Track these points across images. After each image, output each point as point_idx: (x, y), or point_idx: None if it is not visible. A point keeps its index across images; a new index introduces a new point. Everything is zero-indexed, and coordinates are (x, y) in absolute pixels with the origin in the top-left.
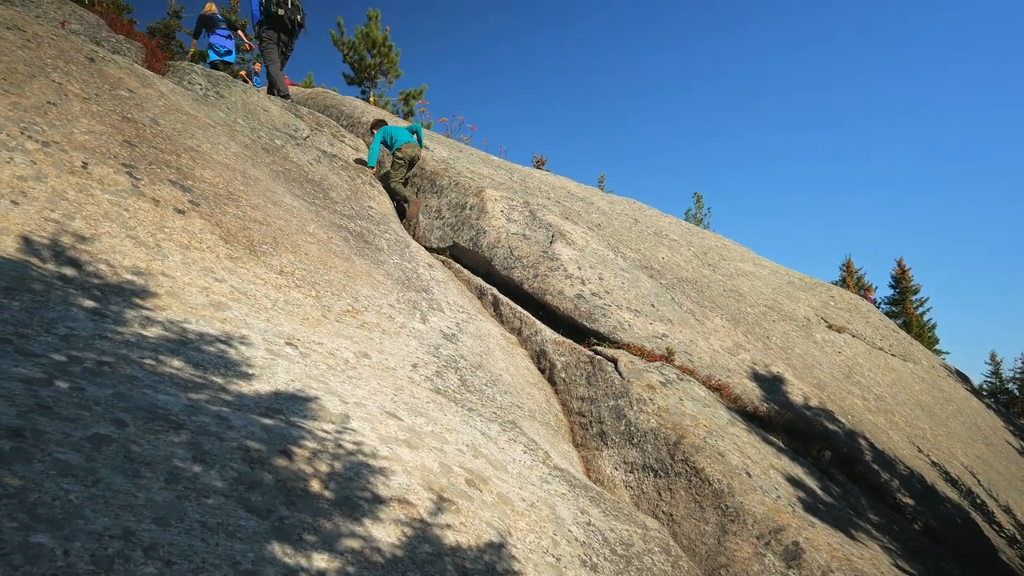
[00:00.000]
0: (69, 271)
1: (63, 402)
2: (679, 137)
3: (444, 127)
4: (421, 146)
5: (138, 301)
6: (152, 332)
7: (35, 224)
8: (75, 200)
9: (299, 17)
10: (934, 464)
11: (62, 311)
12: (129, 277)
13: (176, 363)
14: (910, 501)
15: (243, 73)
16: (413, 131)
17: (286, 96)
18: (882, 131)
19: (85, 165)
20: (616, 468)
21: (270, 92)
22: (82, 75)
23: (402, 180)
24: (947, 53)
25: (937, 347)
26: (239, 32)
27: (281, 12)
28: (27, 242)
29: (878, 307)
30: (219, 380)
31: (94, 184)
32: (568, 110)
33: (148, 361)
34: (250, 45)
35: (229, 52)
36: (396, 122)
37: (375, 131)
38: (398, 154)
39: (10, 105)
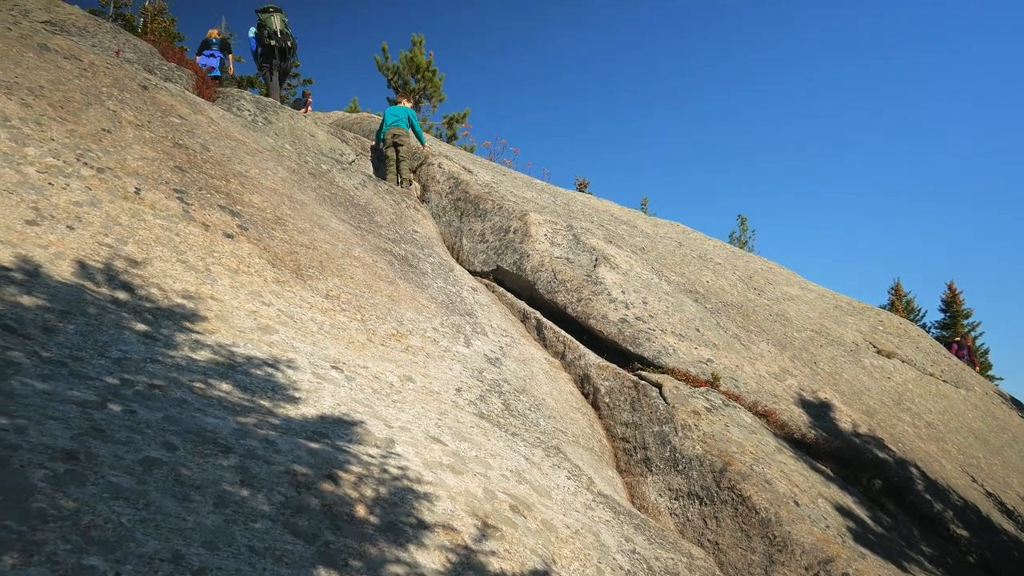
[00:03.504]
0: (122, 295)
1: (116, 425)
2: (724, 157)
3: (487, 151)
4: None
5: (188, 324)
6: (201, 355)
7: (90, 248)
8: (128, 225)
9: (288, 43)
10: (989, 494)
11: (115, 334)
12: (179, 301)
13: (225, 386)
14: (964, 532)
15: (307, 94)
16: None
17: None
18: (930, 148)
19: (138, 191)
20: (661, 495)
21: None
22: (135, 103)
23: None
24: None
25: (990, 372)
26: (229, 56)
27: (273, 43)
28: (82, 266)
29: (966, 355)
30: (266, 404)
31: (146, 209)
32: (612, 129)
33: (198, 384)
34: (232, 70)
35: (212, 70)
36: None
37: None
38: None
39: (67, 132)
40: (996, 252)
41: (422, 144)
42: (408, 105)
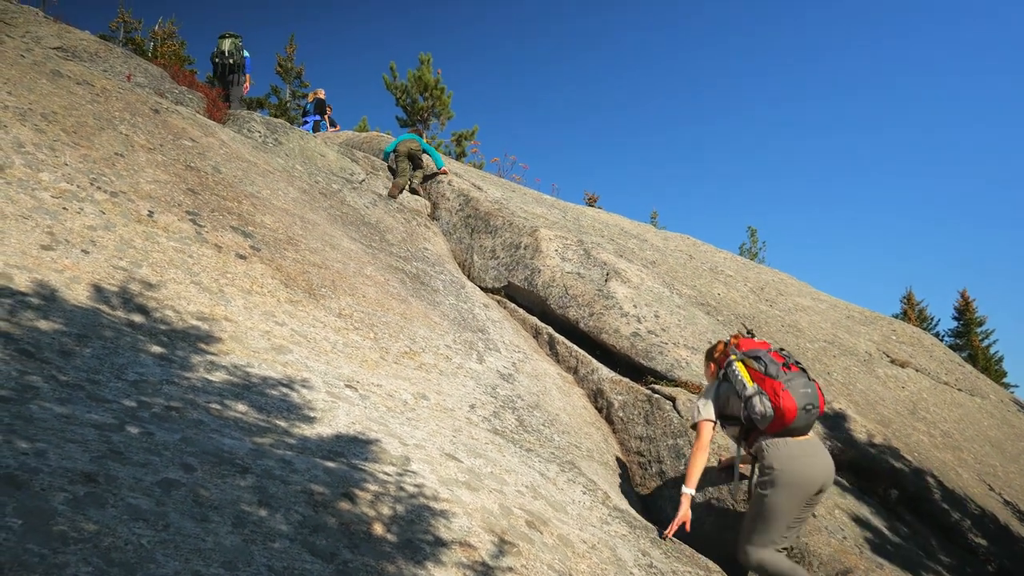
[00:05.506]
0: (137, 317)
1: (134, 447)
2: (733, 170)
3: (496, 167)
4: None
5: (203, 346)
6: (217, 377)
7: (104, 272)
8: (142, 248)
9: (231, 61)
10: (1007, 503)
11: (131, 357)
12: (194, 323)
13: (240, 407)
14: (983, 542)
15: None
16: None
17: None
18: (941, 157)
19: (151, 213)
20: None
21: None
22: (147, 126)
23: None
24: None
25: (1005, 380)
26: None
27: (218, 60)
28: (97, 290)
29: None
30: (282, 423)
31: (160, 232)
32: (621, 144)
33: (214, 406)
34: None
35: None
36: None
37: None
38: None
39: (80, 157)
40: (1009, 259)
41: (439, 166)
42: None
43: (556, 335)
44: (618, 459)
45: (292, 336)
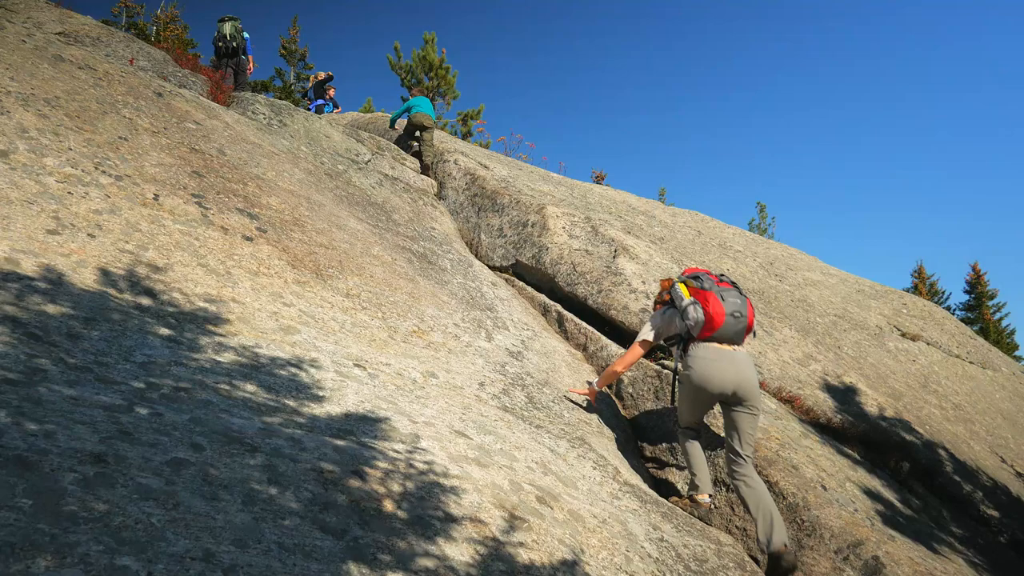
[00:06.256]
0: (145, 300)
1: (143, 428)
2: (742, 145)
3: (503, 146)
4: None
5: (211, 327)
6: (225, 357)
7: (111, 256)
8: (148, 231)
9: (233, 44)
10: (1019, 475)
11: (139, 339)
12: (202, 304)
13: (249, 387)
14: (995, 513)
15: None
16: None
17: None
18: (950, 129)
19: (156, 197)
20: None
21: None
22: (151, 110)
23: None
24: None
25: (1017, 353)
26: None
27: (220, 44)
28: (104, 273)
29: None
30: (291, 403)
31: (165, 215)
32: (628, 122)
33: (223, 386)
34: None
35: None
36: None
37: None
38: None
39: (84, 142)
40: (1021, 231)
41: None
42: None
43: (565, 312)
44: (628, 434)
45: (300, 316)
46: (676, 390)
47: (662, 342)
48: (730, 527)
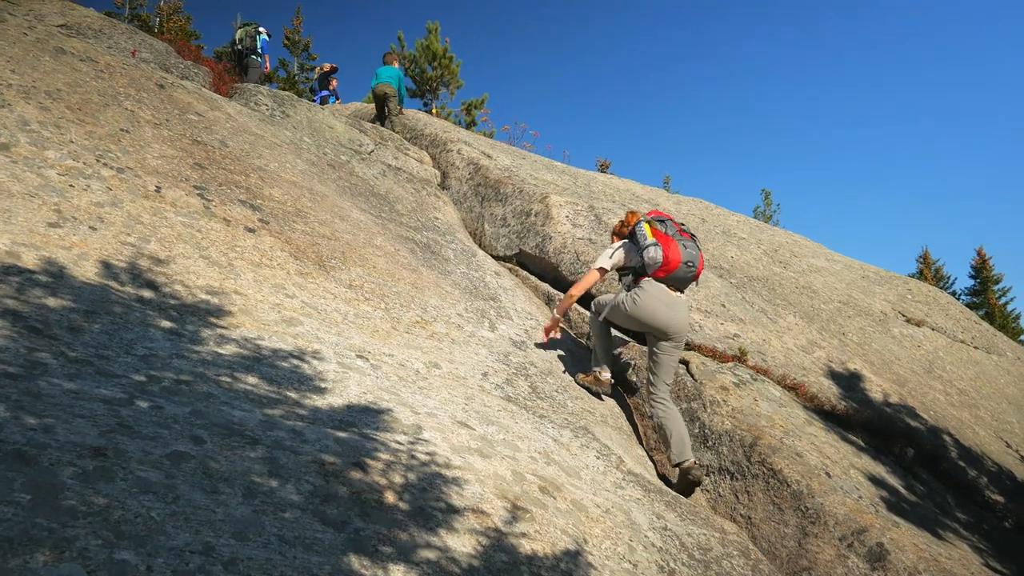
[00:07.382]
0: (146, 293)
1: (143, 421)
2: (746, 133)
3: (507, 135)
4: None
5: (213, 320)
6: (227, 350)
7: (113, 248)
8: (150, 223)
9: (240, 48)
10: None
11: (140, 332)
12: (204, 297)
13: (251, 379)
14: (1000, 498)
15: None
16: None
17: None
18: (955, 116)
19: (158, 189)
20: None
21: None
22: (153, 102)
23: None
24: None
25: (1022, 338)
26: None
27: (240, 47)
28: (106, 266)
29: None
30: (293, 395)
31: (167, 207)
32: (633, 110)
33: (224, 378)
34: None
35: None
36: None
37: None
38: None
39: (85, 134)
40: None
41: (401, 107)
42: (396, 67)
43: None
44: (632, 424)
45: (302, 308)
46: (609, 307)
47: (616, 271)
48: (734, 515)
